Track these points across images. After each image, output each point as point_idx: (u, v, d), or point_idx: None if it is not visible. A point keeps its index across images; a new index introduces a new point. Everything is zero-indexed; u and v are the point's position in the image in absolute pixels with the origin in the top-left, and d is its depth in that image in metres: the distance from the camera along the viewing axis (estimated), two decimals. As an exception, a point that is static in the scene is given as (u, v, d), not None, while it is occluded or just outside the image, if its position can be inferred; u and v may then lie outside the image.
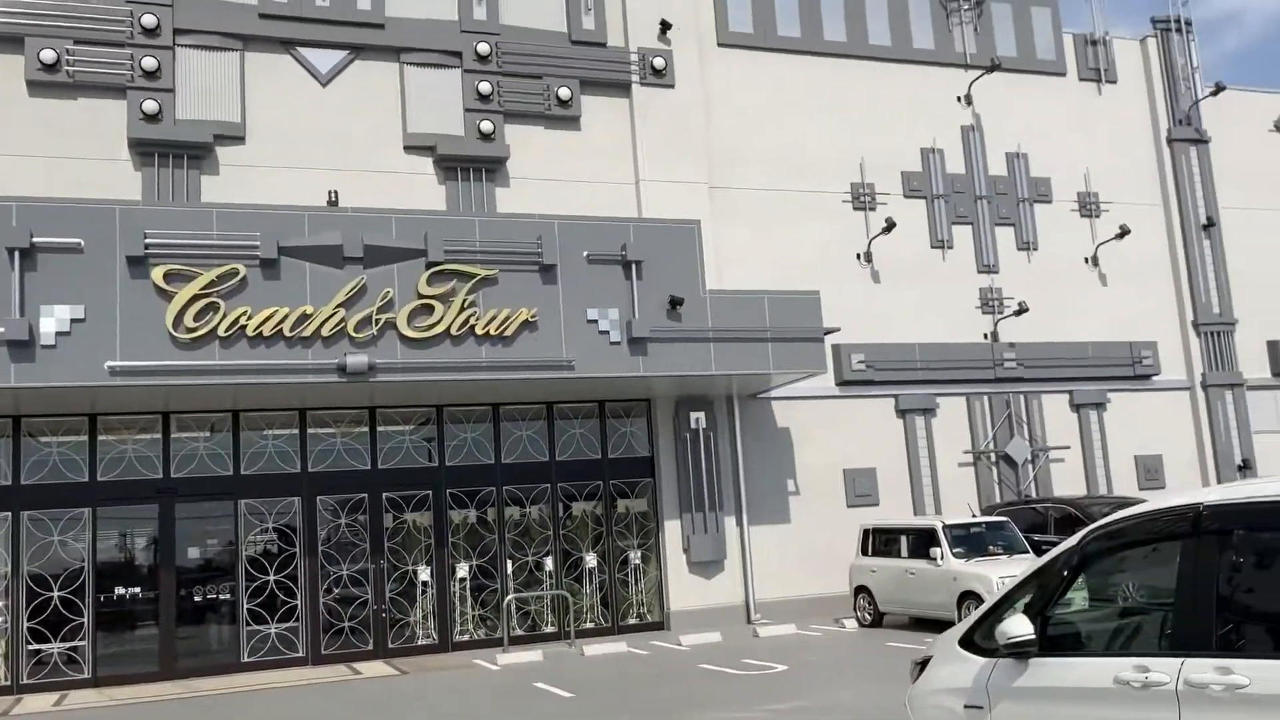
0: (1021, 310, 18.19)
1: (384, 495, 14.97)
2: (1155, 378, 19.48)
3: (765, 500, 16.63)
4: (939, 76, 19.04)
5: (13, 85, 13.97)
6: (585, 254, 14.20)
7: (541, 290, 13.96)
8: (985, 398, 18.23)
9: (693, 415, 16.14)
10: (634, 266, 14.36)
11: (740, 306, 14.86)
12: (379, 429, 15.11)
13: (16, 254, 11.94)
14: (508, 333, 13.69)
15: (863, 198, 18.08)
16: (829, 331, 15.41)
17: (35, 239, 12.01)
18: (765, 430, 16.86)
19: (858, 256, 17.88)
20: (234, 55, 14.94)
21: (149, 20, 14.39)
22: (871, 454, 17.42)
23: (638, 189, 16.65)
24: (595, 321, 14.16)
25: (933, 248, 18.47)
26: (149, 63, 14.32)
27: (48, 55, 13.96)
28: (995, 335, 18.45)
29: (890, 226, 17.41)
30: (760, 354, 14.86)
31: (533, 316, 13.81)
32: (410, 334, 13.22)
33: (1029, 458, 18.28)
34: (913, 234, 18.29)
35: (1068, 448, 18.64)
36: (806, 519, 16.78)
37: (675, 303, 14.32)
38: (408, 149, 15.67)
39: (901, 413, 17.71)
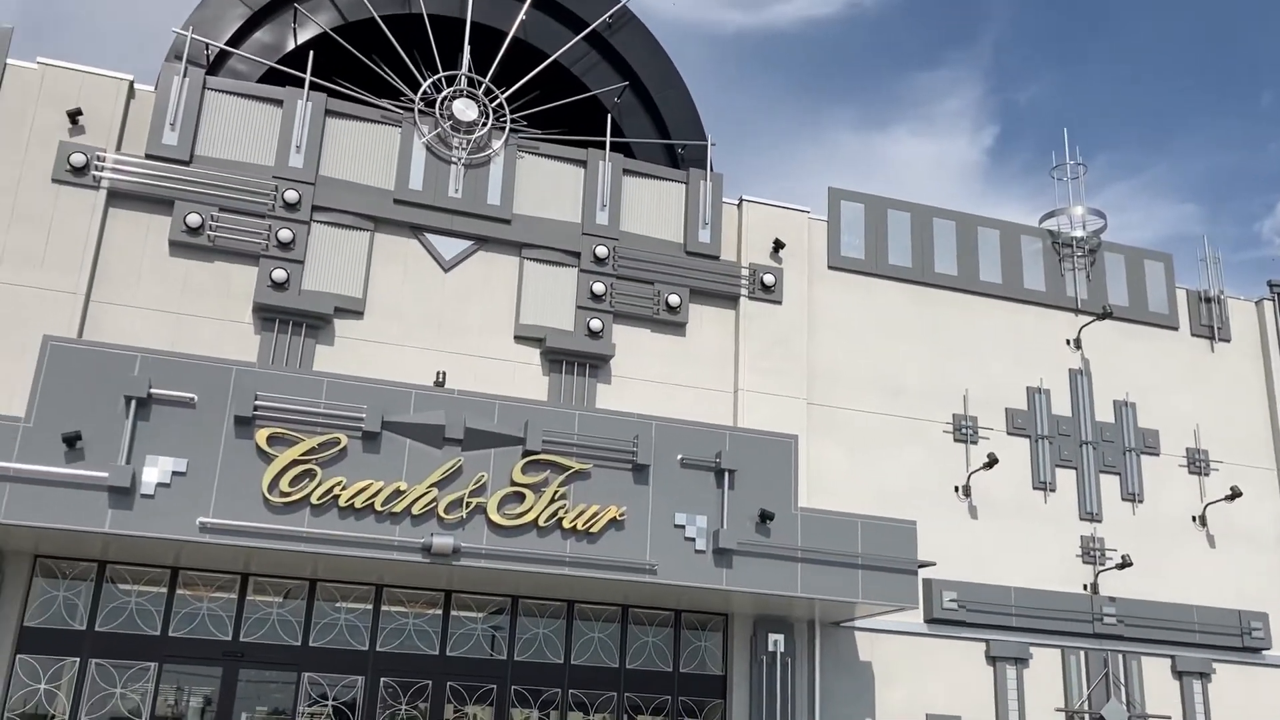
0: (1125, 564, 17.42)
1: (448, 684, 14.55)
2: (1266, 652, 18.28)
3: (841, 736, 15.74)
4: (1049, 318, 19.00)
5: (157, 244, 14.74)
6: (679, 457, 14.11)
7: (632, 490, 13.83)
8: (1082, 653, 17.27)
9: (771, 637, 15.53)
10: (727, 475, 14.19)
11: (832, 528, 14.50)
12: (452, 614, 14.83)
13: (133, 403, 12.29)
14: (594, 529, 13.51)
15: (964, 430, 17.80)
16: (924, 565, 14.90)
17: (153, 390, 12.37)
18: (846, 662, 16.13)
19: (956, 489, 17.46)
20: (365, 235, 15.62)
21: (291, 195, 15.19)
22: (958, 700, 16.49)
23: (736, 398, 16.66)
24: (682, 527, 13.91)
25: (1034, 489, 17.96)
26: (285, 234, 15.03)
27: (193, 219, 14.76)
28: (1095, 587, 17.63)
29: (993, 462, 17.03)
30: (849, 580, 14.37)
31: (620, 515, 13.64)
32: (499, 520, 13.13)
33: (1126, 723, 17.10)
34: (1014, 472, 17.85)
35: (1168, 718, 17.41)
36: (883, 762, 15.80)
37: (765, 517, 14.04)
38: (518, 339, 16.01)
39: (992, 659, 16.82)
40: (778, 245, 17.28)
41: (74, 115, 14.47)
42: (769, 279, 17.13)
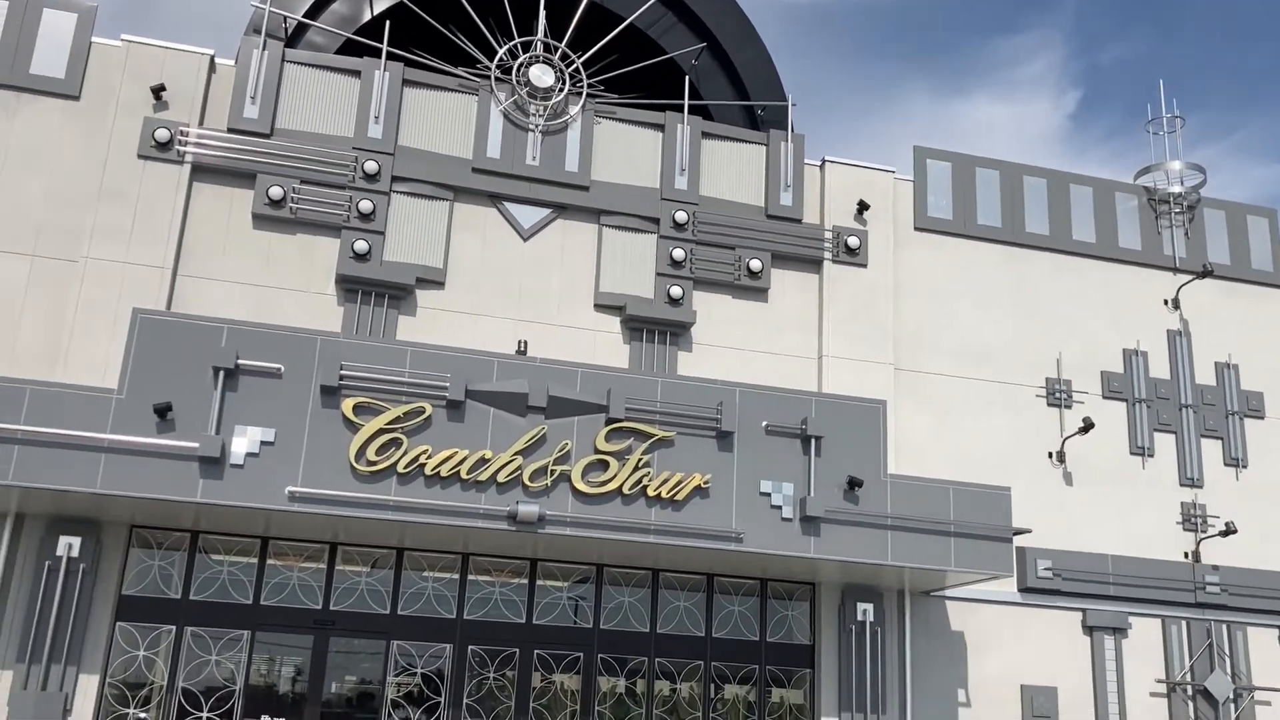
0: (1229, 531, 16.77)
1: (535, 652, 14.54)
2: (1380, 622, 17.50)
3: (933, 708, 15.41)
4: (1145, 277, 18.30)
5: (240, 216, 14.84)
6: (764, 424, 13.86)
7: (716, 457, 13.63)
8: (1184, 623, 16.69)
9: (860, 606, 15.25)
10: (813, 442, 13.91)
11: (922, 495, 14.15)
12: (538, 583, 14.81)
13: (221, 374, 12.40)
14: (678, 497, 13.35)
15: (1058, 394, 17.24)
16: (1019, 532, 14.48)
17: (240, 361, 12.47)
18: (937, 632, 15.78)
19: (1049, 456, 16.93)
20: (444, 205, 15.57)
21: (371, 166, 15.18)
22: (1053, 671, 16.05)
23: (820, 364, 16.33)
24: (768, 495, 13.69)
25: (1132, 454, 17.35)
26: (365, 205, 15.03)
27: (275, 191, 14.83)
28: (1197, 555, 17.01)
29: (1088, 427, 16.48)
30: (941, 549, 14.03)
31: (705, 483, 13.45)
32: (583, 488, 13.03)
33: (1231, 696, 16.50)
34: (1110, 438, 17.26)
35: (1277, 691, 16.78)
36: (977, 734, 15.46)
37: (854, 484, 13.73)
38: (597, 307, 15.84)
39: (1089, 629, 16.33)
40: (862, 207, 16.85)
41: (157, 91, 14.59)
42: (853, 242, 16.72)
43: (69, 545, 12.98)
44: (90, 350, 13.56)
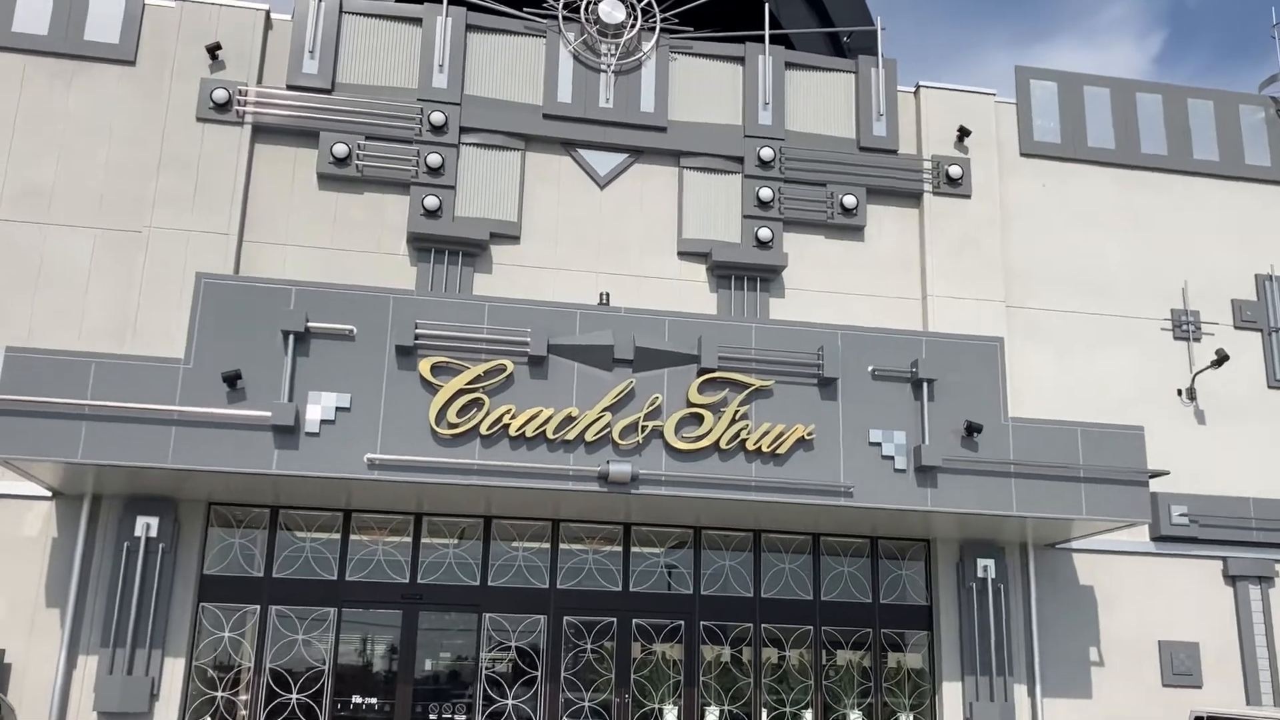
0: (1384, 467, 15.29)
1: (633, 622, 13.74)
2: None
3: (1062, 669, 14.28)
4: (1277, 196, 16.74)
5: (305, 177, 14.18)
6: (870, 369, 12.81)
7: (820, 406, 12.63)
8: (1337, 568, 15.27)
9: (980, 562, 14.16)
10: (925, 386, 12.83)
11: (1047, 439, 12.99)
12: (632, 549, 13.99)
13: (291, 338, 11.75)
14: (780, 450, 12.39)
15: (1185, 326, 15.86)
16: (1155, 474, 13.24)
17: (310, 324, 11.80)
18: (1064, 587, 14.62)
19: (1179, 393, 15.58)
20: (515, 155, 14.72)
21: (437, 118, 14.39)
22: (1194, 625, 14.79)
23: (924, 305, 15.18)
24: (878, 445, 12.66)
25: (1270, 388, 15.91)
26: (434, 159, 14.25)
27: (340, 149, 14.12)
28: (1349, 495, 15.55)
29: (1221, 360, 15.11)
30: (1070, 496, 12.87)
31: (809, 434, 12.47)
32: (677, 444, 12.14)
33: (1394, 647, 15.06)
34: (1245, 371, 15.85)
35: None
36: (1112, 695, 14.29)
37: (973, 429, 12.63)
38: (681, 255, 14.89)
39: (1231, 579, 15.02)
40: (962, 133, 15.60)
41: (213, 50, 13.96)
42: (955, 171, 15.49)
43: (147, 525, 12.49)
44: (159, 322, 13.03)
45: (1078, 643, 14.48)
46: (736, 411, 12.33)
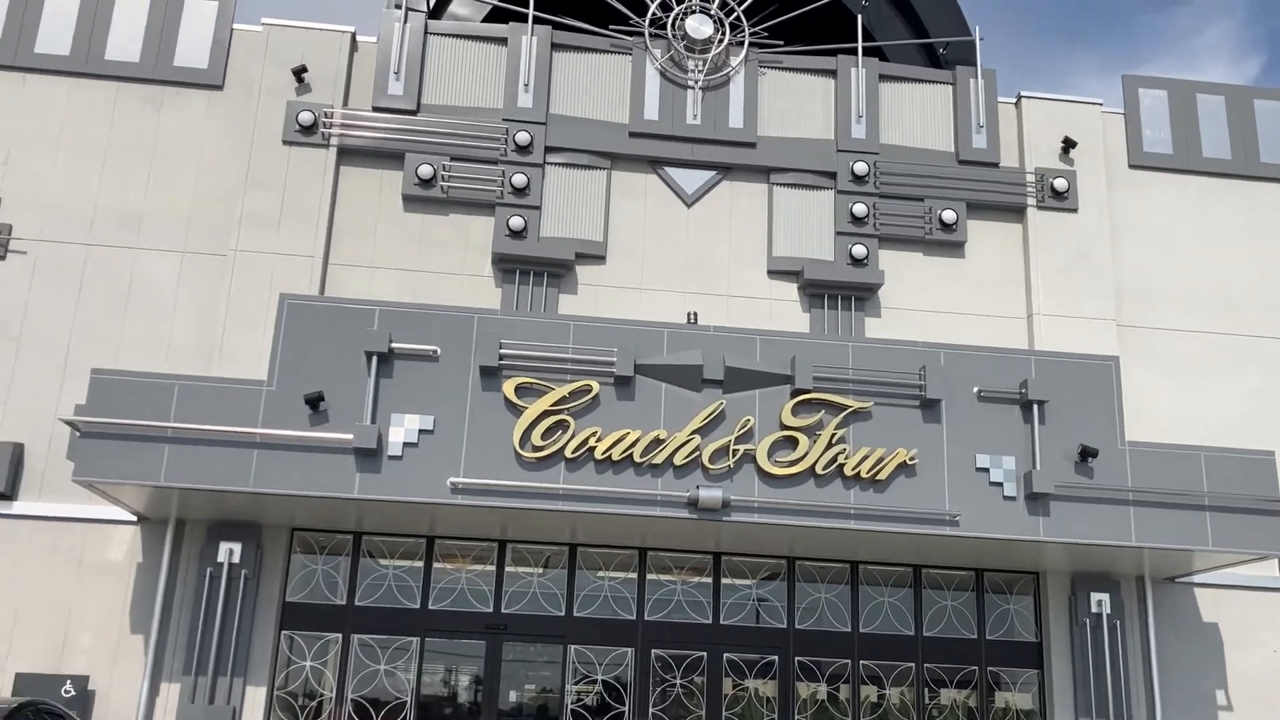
0: None
1: (724, 656, 13.15)
2: None
3: (1186, 712, 13.31)
4: None
5: (390, 198, 14.02)
6: (976, 390, 12.13)
7: (922, 429, 11.98)
8: None
9: (1094, 597, 13.30)
10: (1035, 408, 12.09)
11: (1168, 465, 12.14)
12: (723, 580, 13.42)
13: (374, 359, 11.51)
14: (880, 476, 11.75)
15: (1315, 346, 14.83)
16: (1290, 503, 12.28)
17: (394, 344, 11.55)
18: (1187, 624, 13.65)
19: (1311, 417, 14.54)
20: (601, 174, 14.40)
21: (523, 138, 14.15)
22: (1333, 667, 13.69)
23: (1030, 324, 14.42)
24: (986, 470, 11.95)
25: None
26: (519, 179, 14.00)
27: (425, 171, 13.95)
28: None
29: (1357, 381, 14.07)
30: (1194, 526, 11.99)
31: (911, 459, 11.82)
32: (771, 469, 11.59)
33: None
34: (1384, 393, 14.74)
35: None
36: (1243, 743, 13.27)
37: (1088, 454, 11.85)
38: (771, 273, 14.38)
39: (1373, 618, 13.89)
40: (1068, 145, 14.86)
41: (299, 73, 13.92)
42: (1060, 184, 14.75)
43: (230, 551, 12.31)
44: (244, 344, 12.92)
45: (1203, 684, 13.49)
46: (833, 435, 11.74)
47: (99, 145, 13.78)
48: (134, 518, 12.48)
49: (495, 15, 15.32)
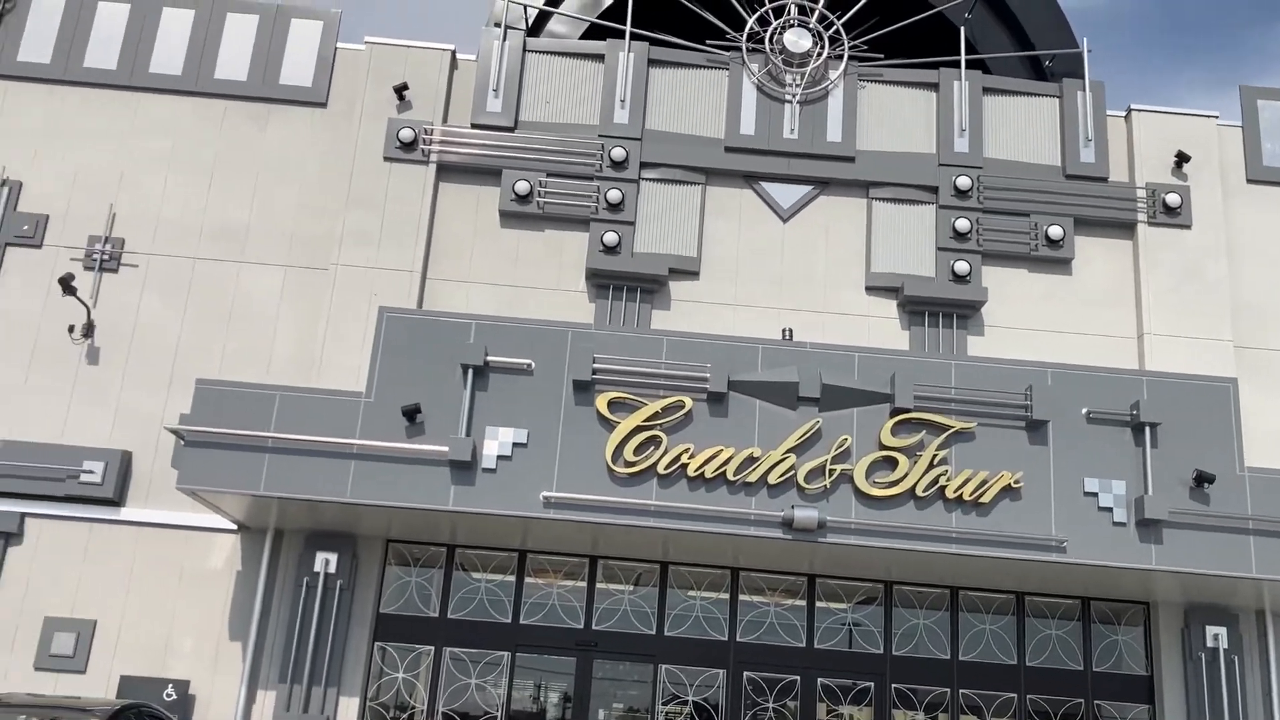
0: None
1: (818, 681, 12.85)
2: None
3: (1310, 755, 12.59)
4: None
5: (487, 214, 14.12)
6: (1085, 411, 11.70)
7: (1028, 451, 11.59)
8: None
9: (1209, 630, 12.69)
10: (1147, 430, 11.61)
11: (1291, 492, 11.53)
12: (818, 604, 13.13)
13: (470, 372, 11.55)
14: (983, 499, 11.39)
15: None
16: None
17: (489, 358, 11.59)
18: (1311, 661, 12.93)
19: None
20: (696, 189, 14.31)
21: (618, 153, 14.13)
22: None
23: (1140, 343, 13.88)
24: (1094, 495, 11.50)
25: None
26: (613, 195, 13.98)
27: (521, 187, 14.02)
28: None
29: None
30: (1320, 557, 11.35)
31: (1016, 482, 11.43)
32: (869, 490, 11.32)
33: None
34: None
35: None
36: (1374, 790, 12.48)
37: (1204, 480, 11.33)
38: (870, 289, 14.10)
39: None
40: (1181, 159, 14.30)
41: (400, 91, 14.12)
42: (1173, 199, 14.20)
43: (326, 561, 12.45)
44: (344, 357, 13.08)
45: (1329, 727, 12.75)
46: (934, 455, 11.42)
47: (207, 162, 14.15)
48: (234, 526, 12.70)
49: (593, 33, 15.37)
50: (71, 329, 13.28)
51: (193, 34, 14.51)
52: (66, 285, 12.56)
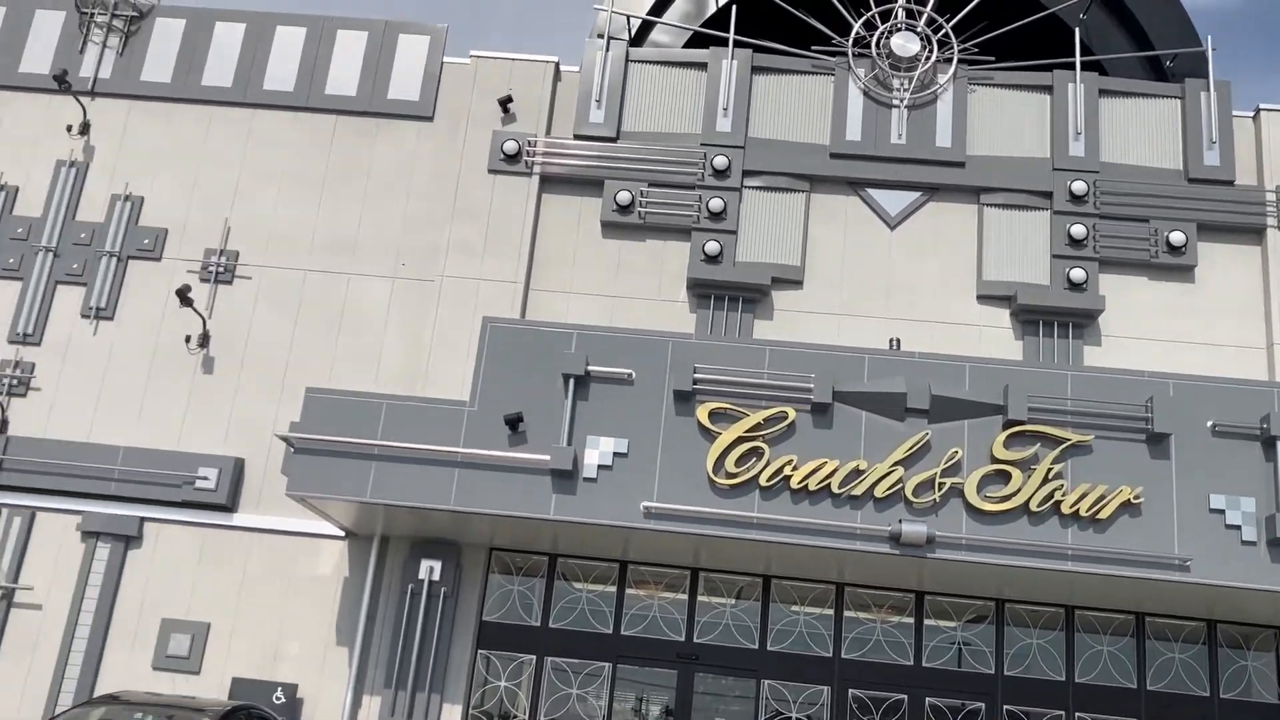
0: None
1: (926, 700, 12.48)
2: None
3: None
4: None
5: (589, 225, 14.15)
6: (1210, 424, 11.15)
7: (1148, 466, 11.09)
8: None
9: (1348, 657, 11.97)
10: (1278, 445, 11.00)
11: None
12: (925, 621, 12.78)
13: (571, 381, 11.55)
14: (1101, 515, 10.93)
15: None
16: None
17: (590, 367, 11.57)
18: None
19: None
20: (799, 196, 14.11)
21: (720, 162, 14.03)
22: None
23: (1270, 354, 13.24)
24: (1221, 512, 10.94)
25: None
26: (715, 204, 13.88)
27: (623, 197, 14.01)
28: None
29: None
30: None
31: (1136, 497, 10.95)
32: (980, 504, 10.96)
33: None
34: None
35: None
36: None
37: (1341, 498, 10.69)
38: (981, 298, 13.71)
39: None
40: (1314, 159, 13.62)
41: (505, 103, 14.26)
42: (1306, 202, 13.52)
43: (430, 569, 12.57)
44: (449, 366, 13.24)
45: None
46: (1049, 469, 11.01)
47: (318, 176, 14.47)
48: (342, 533, 12.92)
49: (695, 41, 15.31)
50: (188, 339, 13.70)
51: (304, 51, 14.88)
52: (184, 297, 12.96)
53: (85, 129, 14.64)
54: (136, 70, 14.93)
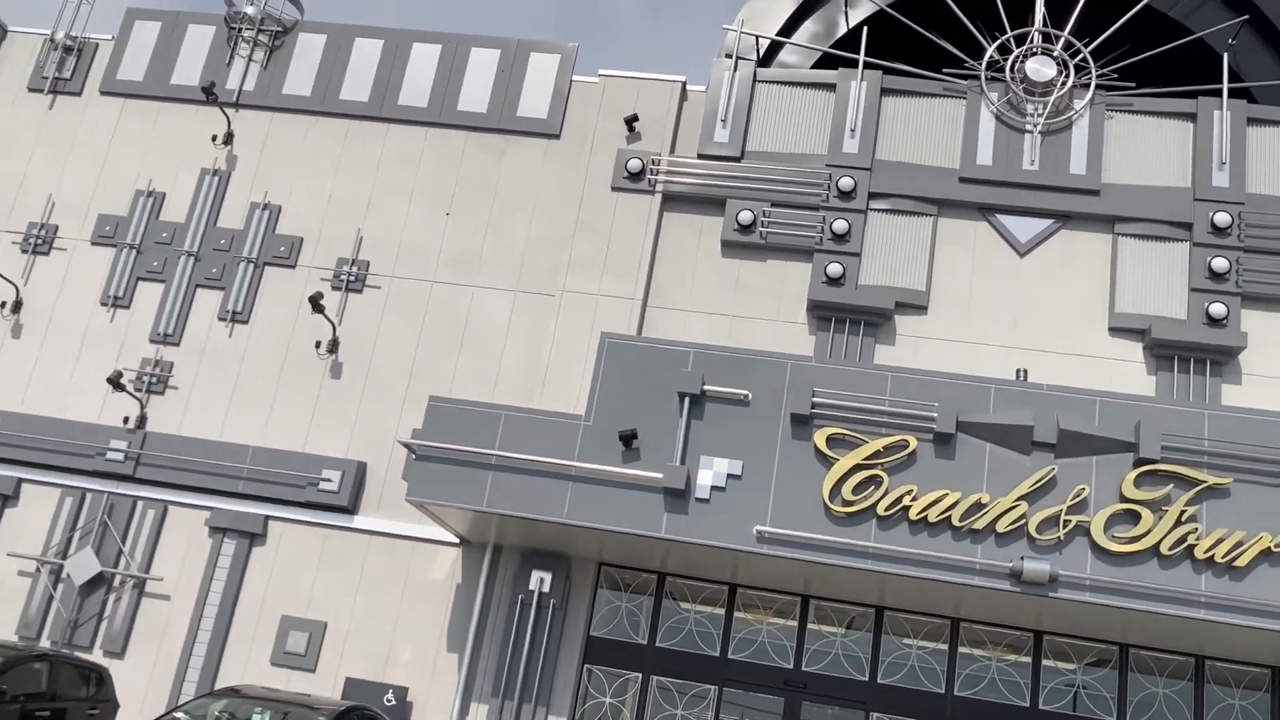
0: None
1: (1042, 744, 12.07)
2: None
3: None
4: None
5: (709, 244, 14.13)
6: (1361, 472, 10.54)
7: (1292, 513, 10.53)
8: None
9: None
10: None
11: None
12: (1043, 662, 12.34)
13: (687, 400, 11.53)
14: (1238, 562, 10.43)
15: None
16: None
17: (706, 387, 11.53)
18: None
19: None
20: (926, 220, 13.86)
21: (846, 183, 13.88)
22: None
23: None
24: (1372, 566, 10.33)
25: None
26: (839, 226, 13.72)
27: (745, 216, 13.97)
28: None
29: None
30: None
31: (1276, 545, 10.41)
32: (1107, 544, 10.56)
33: None
34: None
35: None
36: None
37: None
38: (1113, 330, 13.25)
39: None
40: None
41: (630, 122, 14.37)
42: None
43: (541, 580, 12.67)
44: (566, 380, 13.35)
45: None
46: (1183, 512, 10.56)
47: (446, 190, 14.79)
48: (457, 540, 13.11)
49: (825, 62, 15.19)
50: (318, 344, 14.12)
51: (439, 67, 15.24)
52: (316, 303, 13.36)
53: (229, 139, 15.26)
54: (279, 83, 15.51)
